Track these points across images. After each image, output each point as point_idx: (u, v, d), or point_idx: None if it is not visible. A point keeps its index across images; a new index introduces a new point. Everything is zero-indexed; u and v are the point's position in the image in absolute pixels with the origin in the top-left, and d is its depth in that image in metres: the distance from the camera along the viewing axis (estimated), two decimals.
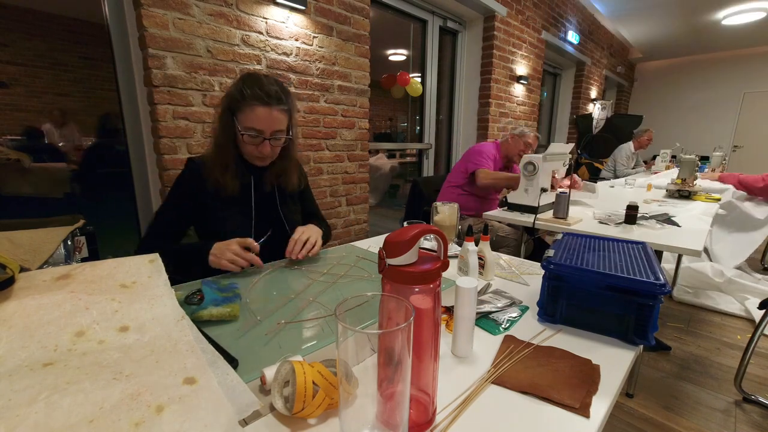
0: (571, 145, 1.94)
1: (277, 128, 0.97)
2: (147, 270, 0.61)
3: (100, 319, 0.50)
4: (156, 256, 0.65)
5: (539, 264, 1.01)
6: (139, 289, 0.57)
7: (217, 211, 1.01)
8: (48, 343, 0.45)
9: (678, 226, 1.51)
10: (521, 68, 3.84)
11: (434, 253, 0.47)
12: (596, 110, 5.64)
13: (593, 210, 1.81)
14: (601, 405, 0.49)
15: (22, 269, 0.75)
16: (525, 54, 3.87)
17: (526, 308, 0.78)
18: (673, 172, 3.02)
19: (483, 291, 0.85)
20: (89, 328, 0.48)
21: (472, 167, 2.15)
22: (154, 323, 0.53)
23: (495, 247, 1.76)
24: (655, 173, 3.81)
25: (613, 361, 0.59)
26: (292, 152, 1.09)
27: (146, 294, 0.57)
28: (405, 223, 0.66)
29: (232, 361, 0.54)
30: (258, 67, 1.83)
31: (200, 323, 0.65)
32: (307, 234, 1.02)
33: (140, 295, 0.56)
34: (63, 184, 1.64)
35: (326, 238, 1.17)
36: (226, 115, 0.97)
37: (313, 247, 1.00)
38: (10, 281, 0.52)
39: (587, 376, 0.55)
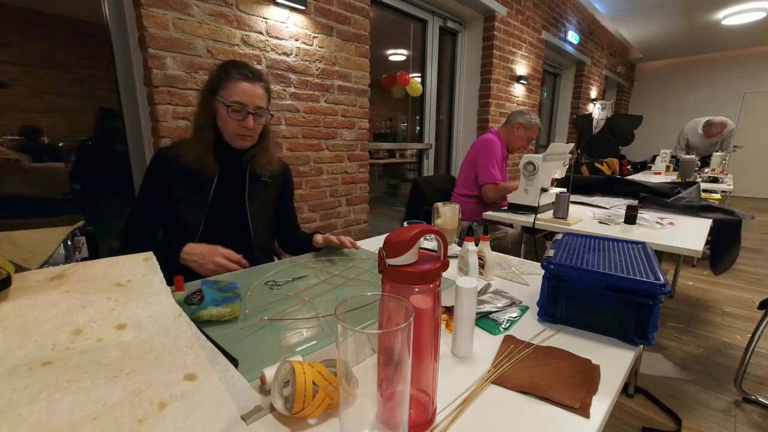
0: (571, 145, 1.94)
1: (260, 104, 0.99)
2: (141, 269, 0.61)
3: (97, 318, 0.50)
4: (150, 255, 0.65)
5: (539, 264, 1.01)
6: (135, 287, 0.57)
7: (176, 191, 1.01)
8: (45, 342, 0.45)
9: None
10: (521, 68, 3.84)
11: (434, 253, 0.47)
12: (596, 110, 5.64)
13: (593, 210, 1.81)
14: (601, 405, 0.49)
15: (22, 269, 0.75)
16: (525, 54, 3.87)
17: (526, 308, 0.78)
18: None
19: (483, 291, 0.85)
20: (86, 327, 0.48)
21: (484, 179, 2.07)
22: (152, 321, 0.53)
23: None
24: (656, 174, 3.81)
25: (613, 361, 0.59)
26: (270, 137, 1.10)
27: (142, 292, 0.57)
28: (405, 223, 0.66)
29: (233, 361, 0.54)
30: (258, 67, 1.83)
31: (200, 323, 0.65)
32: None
33: (136, 293, 0.56)
34: (62, 185, 1.64)
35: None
36: (207, 97, 0.99)
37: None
38: (6, 282, 0.52)
39: (587, 376, 0.55)
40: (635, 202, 2.00)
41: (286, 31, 1.92)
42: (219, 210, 1.05)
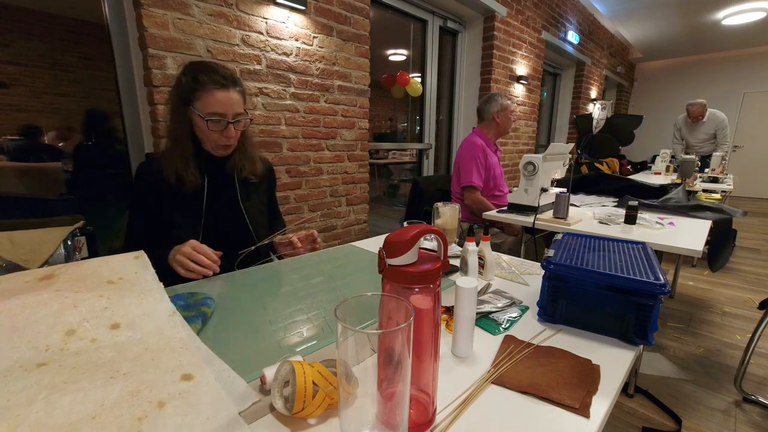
0: (571, 145, 1.94)
1: (238, 111, 0.95)
2: (133, 266, 0.61)
3: (90, 317, 0.49)
4: (141, 253, 0.63)
5: (539, 264, 1.01)
6: (127, 284, 0.57)
7: (167, 205, 0.98)
8: (39, 343, 0.45)
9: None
10: (521, 68, 3.84)
11: (434, 253, 0.47)
12: (596, 110, 5.64)
13: (593, 210, 1.81)
14: (601, 405, 0.49)
15: (22, 269, 0.75)
16: (525, 54, 3.87)
17: (526, 308, 0.78)
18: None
19: (483, 291, 0.85)
20: (80, 327, 0.48)
21: (463, 182, 2.14)
22: (145, 319, 0.52)
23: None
24: (656, 174, 3.80)
25: (613, 361, 0.59)
26: (249, 138, 1.08)
27: (134, 289, 0.56)
28: (405, 223, 0.66)
29: None
30: (258, 67, 1.84)
31: None
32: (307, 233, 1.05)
33: (128, 290, 0.55)
34: (60, 184, 1.64)
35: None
36: (179, 108, 0.95)
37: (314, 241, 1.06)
38: None
39: (587, 376, 0.55)
40: (611, 200, 2.03)
41: (286, 31, 1.92)
42: (215, 220, 1.03)
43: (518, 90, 3.89)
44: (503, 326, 0.70)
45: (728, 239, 1.65)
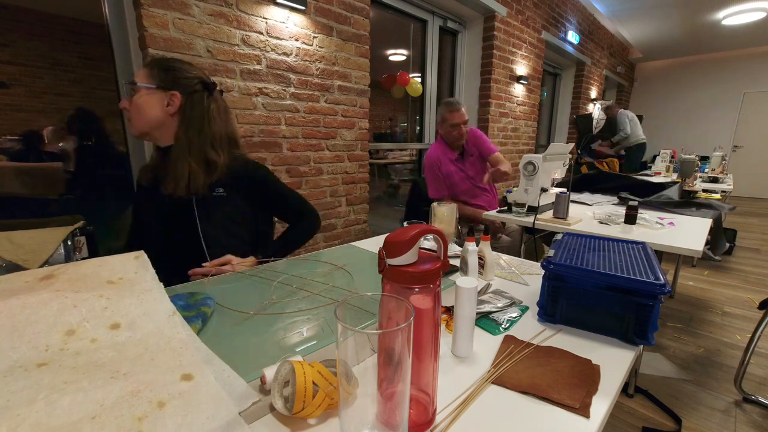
0: (571, 145, 1.94)
1: (133, 78, 0.91)
2: (133, 266, 0.60)
3: (90, 317, 0.49)
4: (141, 253, 0.63)
5: (539, 264, 1.01)
6: (127, 284, 0.56)
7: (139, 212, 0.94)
8: (38, 343, 0.45)
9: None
10: (521, 68, 3.84)
11: (434, 253, 0.47)
12: (596, 110, 5.64)
13: (593, 210, 1.81)
14: (601, 405, 0.49)
15: (21, 269, 0.75)
16: (525, 54, 3.87)
17: (526, 308, 0.78)
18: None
19: (483, 291, 0.85)
20: (79, 327, 0.48)
21: (428, 195, 2.19)
22: (145, 319, 0.52)
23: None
24: (656, 173, 3.80)
25: (613, 361, 0.59)
26: (177, 145, 0.93)
27: (134, 289, 0.56)
28: (405, 223, 0.66)
29: None
30: (258, 67, 1.84)
31: None
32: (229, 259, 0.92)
33: (128, 290, 0.55)
34: (60, 184, 1.63)
35: (312, 229, 1.14)
36: (197, 96, 0.92)
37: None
38: None
39: (587, 376, 0.55)
40: (616, 198, 2.06)
41: (286, 31, 1.92)
42: (172, 232, 0.94)
43: (518, 90, 3.89)
44: (503, 326, 0.70)
45: (720, 228, 1.78)
